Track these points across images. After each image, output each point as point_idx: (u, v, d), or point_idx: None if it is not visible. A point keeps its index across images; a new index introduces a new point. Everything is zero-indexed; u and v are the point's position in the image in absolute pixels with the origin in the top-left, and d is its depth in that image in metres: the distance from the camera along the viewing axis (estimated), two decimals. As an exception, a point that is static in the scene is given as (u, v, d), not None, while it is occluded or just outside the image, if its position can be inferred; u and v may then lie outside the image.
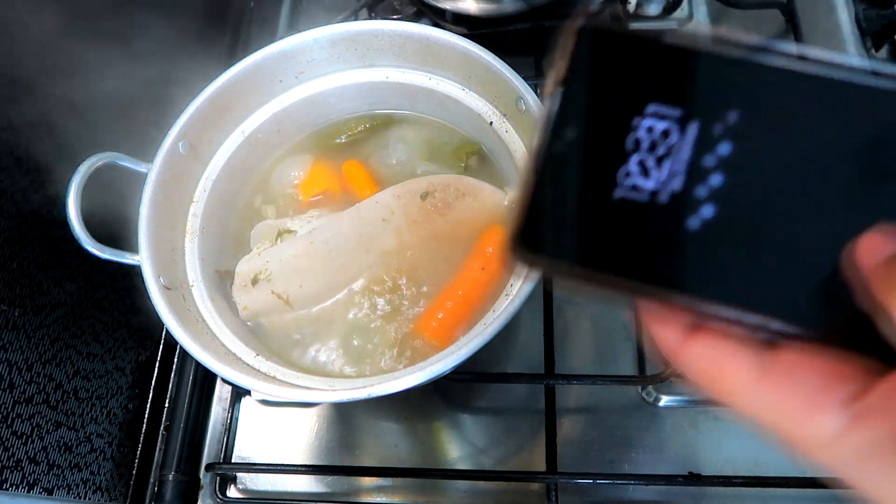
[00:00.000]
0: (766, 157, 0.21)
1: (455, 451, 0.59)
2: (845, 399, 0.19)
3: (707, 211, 0.21)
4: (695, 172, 0.21)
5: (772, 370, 0.20)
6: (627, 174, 0.22)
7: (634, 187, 0.21)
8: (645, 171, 0.21)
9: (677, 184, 0.21)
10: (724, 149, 0.21)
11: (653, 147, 0.21)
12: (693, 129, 0.21)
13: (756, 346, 0.21)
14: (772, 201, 0.21)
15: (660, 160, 0.21)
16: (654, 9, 0.75)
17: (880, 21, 0.65)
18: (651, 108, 0.22)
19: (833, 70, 0.21)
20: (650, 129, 0.22)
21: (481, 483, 0.57)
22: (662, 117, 0.21)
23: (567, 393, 0.59)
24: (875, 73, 0.21)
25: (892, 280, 0.18)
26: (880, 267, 0.19)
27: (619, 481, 0.55)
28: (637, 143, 0.22)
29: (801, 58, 0.21)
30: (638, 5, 0.76)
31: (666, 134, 0.21)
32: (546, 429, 0.56)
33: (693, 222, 0.21)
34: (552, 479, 0.54)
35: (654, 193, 0.21)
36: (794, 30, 0.66)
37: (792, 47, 0.21)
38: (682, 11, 0.75)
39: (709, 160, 0.21)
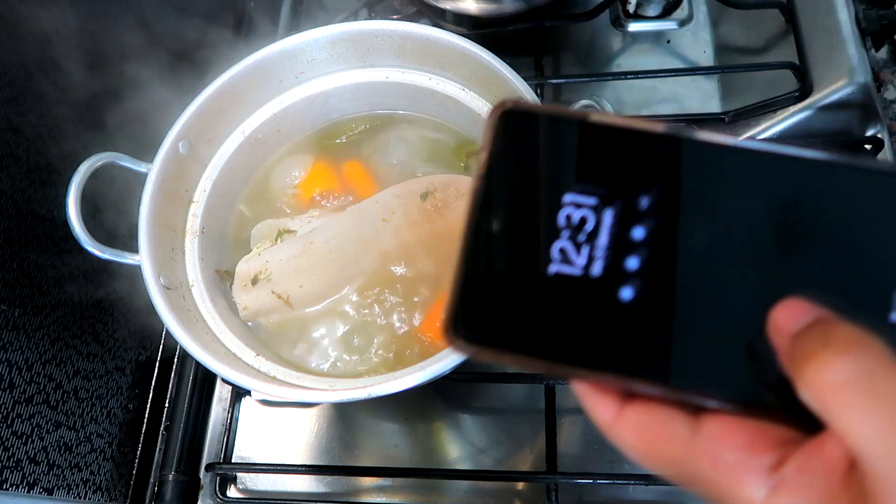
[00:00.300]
0: (684, 232, 0.21)
1: (455, 450, 0.59)
2: (769, 466, 0.19)
3: (627, 292, 0.21)
4: (614, 254, 0.22)
5: (701, 438, 0.21)
6: (548, 260, 0.22)
7: (557, 273, 0.22)
8: (565, 257, 0.22)
9: (598, 268, 0.22)
10: (641, 229, 0.22)
11: (574, 231, 0.22)
12: (610, 213, 0.22)
13: (688, 412, 0.21)
14: (692, 276, 0.21)
15: (580, 245, 0.22)
16: (653, 9, 0.75)
17: (880, 21, 0.65)
18: (568, 196, 0.22)
19: (743, 141, 0.21)
20: (568, 216, 0.22)
21: (481, 483, 0.57)
22: (578, 204, 0.22)
23: (567, 393, 0.59)
24: (779, 141, 0.21)
25: (799, 353, 0.19)
26: (790, 340, 0.19)
27: (619, 481, 0.55)
28: (558, 228, 0.22)
29: (712, 133, 0.22)
30: (638, 6, 0.76)
31: (584, 219, 0.22)
32: (546, 429, 0.56)
33: (615, 304, 0.21)
34: (552, 479, 0.54)
35: (578, 277, 0.22)
36: (793, 30, 0.66)
37: (706, 133, 0.22)
38: (681, 11, 0.75)
39: (627, 240, 0.22)
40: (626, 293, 0.21)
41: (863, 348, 0.18)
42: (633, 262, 0.21)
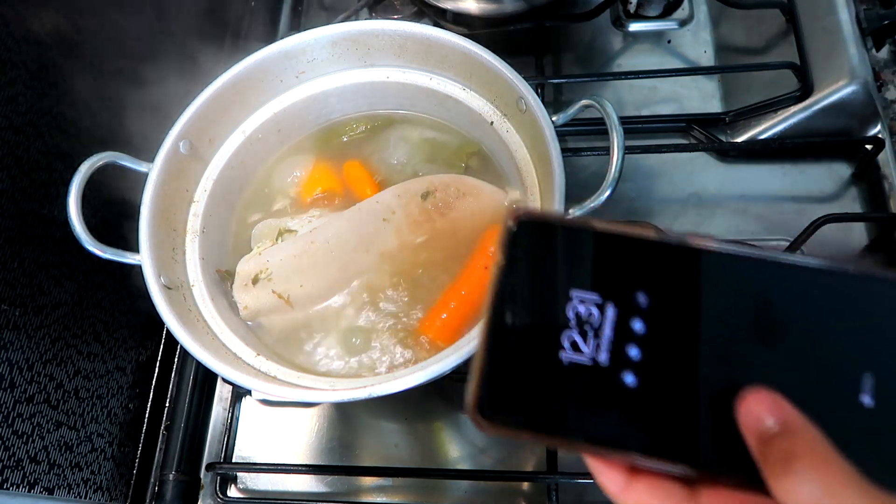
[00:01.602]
0: (677, 327, 0.25)
1: (455, 450, 0.59)
2: None
3: (630, 379, 0.25)
4: (618, 345, 0.25)
5: None
6: (560, 350, 0.25)
7: (568, 362, 0.25)
8: (575, 348, 0.25)
9: (604, 357, 0.25)
10: (640, 323, 0.25)
11: (582, 325, 0.25)
12: (612, 309, 0.25)
13: (687, 486, 0.24)
14: (684, 365, 0.24)
15: (587, 337, 0.25)
16: (654, 9, 0.75)
17: (881, 20, 0.65)
18: (575, 293, 0.26)
19: (724, 245, 0.25)
20: (577, 312, 0.25)
21: (482, 483, 0.57)
22: (584, 301, 0.25)
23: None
24: (753, 245, 0.25)
25: (769, 461, 0.22)
26: (759, 442, 0.22)
27: (619, 481, 0.54)
28: (567, 322, 0.25)
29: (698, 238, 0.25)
30: (638, 6, 0.76)
31: (590, 314, 0.25)
32: (546, 429, 0.56)
33: (621, 389, 0.24)
34: (552, 479, 0.54)
35: (586, 366, 0.25)
36: (794, 30, 0.66)
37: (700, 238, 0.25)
38: (682, 11, 0.75)
39: (629, 333, 0.25)
40: (630, 379, 0.24)
41: (828, 469, 0.21)
42: (634, 352, 0.25)
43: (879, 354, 0.24)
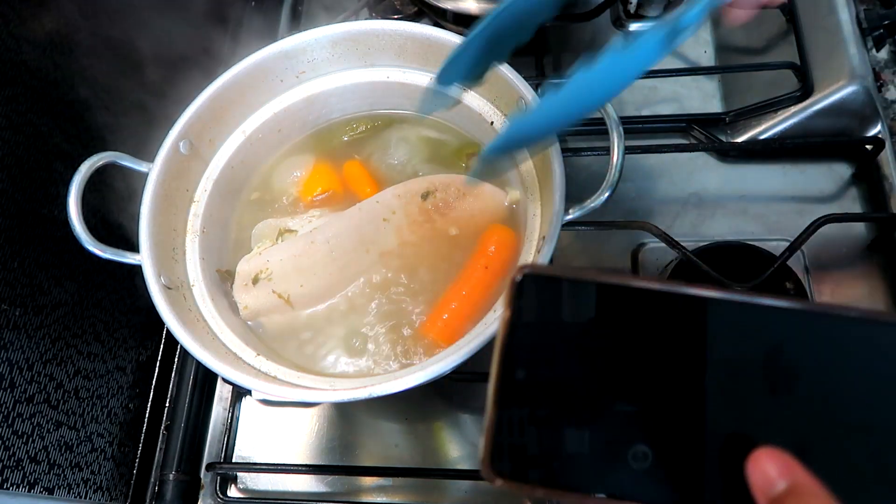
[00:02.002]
0: (684, 378, 0.25)
1: (456, 450, 0.59)
2: None
3: (638, 432, 0.25)
4: (625, 399, 0.25)
5: None
6: (568, 405, 0.26)
7: (573, 420, 0.25)
8: (584, 401, 0.25)
9: (612, 411, 0.25)
10: (646, 377, 0.25)
11: (589, 380, 0.26)
12: (618, 363, 0.26)
13: None
14: (693, 418, 0.25)
15: (594, 391, 0.25)
16: (654, 9, 0.75)
17: (881, 21, 0.65)
18: (582, 346, 0.26)
19: (728, 294, 0.25)
20: (584, 368, 0.26)
21: (482, 483, 0.57)
22: (592, 356, 0.26)
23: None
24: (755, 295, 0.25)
25: None
26: (768, 500, 0.22)
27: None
28: (574, 378, 0.26)
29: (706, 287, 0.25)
30: (639, 6, 0.76)
31: (597, 369, 0.26)
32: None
33: (629, 444, 0.25)
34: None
35: (594, 421, 0.25)
36: (794, 30, 0.66)
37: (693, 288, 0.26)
38: (682, 11, 0.75)
39: (636, 388, 0.25)
40: (638, 432, 0.25)
41: None
42: (642, 405, 0.25)
43: (889, 402, 0.24)
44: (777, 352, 0.24)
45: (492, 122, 0.56)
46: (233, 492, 0.60)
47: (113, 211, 0.58)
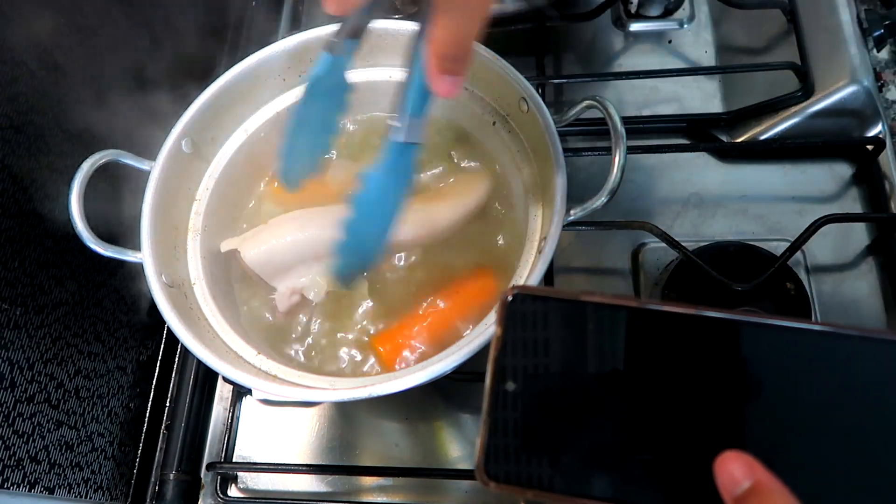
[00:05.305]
0: (665, 390, 0.27)
1: (456, 450, 0.59)
2: None
3: (623, 439, 0.27)
4: (609, 409, 0.27)
5: None
6: (555, 414, 0.27)
7: (564, 425, 0.27)
8: (570, 411, 0.27)
9: (597, 419, 0.27)
10: (629, 388, 0.27)
11: (573, 391, 0.28)
12: (602, 376, 0.28)
13: None
14: (673, 427, 0.27)
15: (579, 401, 0.27)
16: (655, 9, 0.75)
17: (882, 21, 0.65)
18: (570, 362, 0.28)
19: (703, 310, 0.27)
20: (572, 381, 0.28)
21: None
22: (580, 370, 0.28)
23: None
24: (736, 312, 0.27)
25: None
26: (733, 500, 0.24)
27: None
28: (560, 389, 0.28)
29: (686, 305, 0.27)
30: (640, 6, 0.76)
31: (587, 382, 0.28)
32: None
33: (613, 450, 0.27)
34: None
35: (580, 428, 0.27)
36: (795, 30, 0.66)
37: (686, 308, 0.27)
38: (683, 11, 0.75)
39: (620, 399, 0.27)
40: (624, 440, 0.27)
41: None
42: (625, 414, 0.27)
43: (855, 410, 0.25)
44: (747, 364, 0.26)
45: (493, 123, 0.57)
46: (233, 491, 0.60)
47: (114, 209, 0.58)
